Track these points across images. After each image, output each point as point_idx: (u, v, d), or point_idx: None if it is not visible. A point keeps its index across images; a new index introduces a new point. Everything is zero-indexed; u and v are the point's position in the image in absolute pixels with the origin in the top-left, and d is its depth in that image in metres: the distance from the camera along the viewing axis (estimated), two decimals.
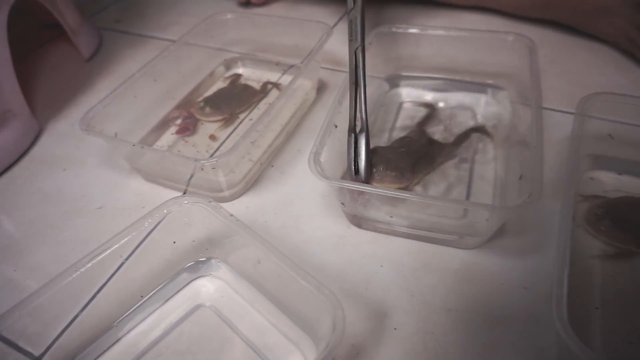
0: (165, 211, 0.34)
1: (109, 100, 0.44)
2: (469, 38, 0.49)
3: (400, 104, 0.51)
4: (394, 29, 0.50)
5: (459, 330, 0.33)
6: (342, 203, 0.38)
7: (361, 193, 0.37)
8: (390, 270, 0.37)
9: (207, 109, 0.51)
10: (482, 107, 0.50)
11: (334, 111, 0.41)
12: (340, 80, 0.46)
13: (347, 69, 0.45)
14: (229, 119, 0.51)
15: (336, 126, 0.40)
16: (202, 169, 0.39)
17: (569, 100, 0.50)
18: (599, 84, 0.53)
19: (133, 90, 0.47)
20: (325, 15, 0.69)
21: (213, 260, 0.37)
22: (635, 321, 0.32)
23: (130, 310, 0.34)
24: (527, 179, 0.34)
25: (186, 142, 0.49)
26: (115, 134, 0.45)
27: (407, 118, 0.49)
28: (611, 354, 0.30)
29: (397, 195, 0.34)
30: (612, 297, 0.33)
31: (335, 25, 0.67)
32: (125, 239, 0.32)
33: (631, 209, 0.37)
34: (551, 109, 0.50)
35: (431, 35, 0.50)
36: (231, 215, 0.33)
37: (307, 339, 0.31)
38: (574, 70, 0.55)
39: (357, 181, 0.39)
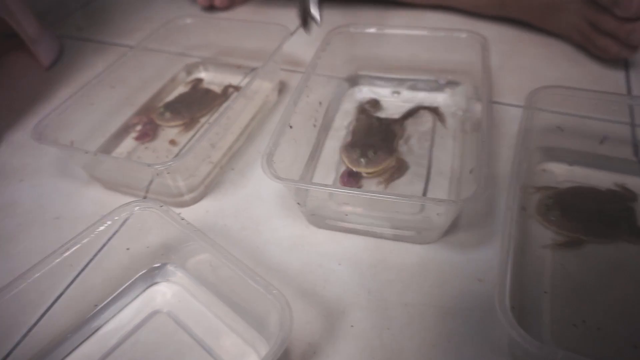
0: (116, 218, 0.33)
1: (63, 109, 0.44)
2: (425, 37, 0.50)
3: (360, 103, 0.52)
4: (351, 29, 0.51)
5: (415, 324, 0.34)
6: (298, 203, 0.38)
7: (350, 181, 0.42)
8: (348, 268, 0.38)
9: (167, 114, 0.51)
10: (440, 104, 0.50)
11: (289, 112, 0.41)
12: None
13: (304, 69, 0.46)
14: (189, 124, 0.51)
15: (291, 127, 0.40)
16: (158, 174, 0.39)
17: (524, 95, 0.51)
18: (553, 78, 0.54)
19: (89, 97, 0.47)
20: (289, 18, 0.69)
21: (169, 266, 0.36)
22: (580, 306, 0.33)
23: (84, 320, 0.34)
24: (477, 172, 0.35)
25: (146, 148, 0.49)
26: (71, 143, 0.44)
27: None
28: (556, 336, 0.31)
29: (348, 192, 0.34)
30: (561, 283, 0.34)
31: (298, 27, 0.68)
32: (74, 248, 0.32)
33: (579, 198, 0.38)
34: (507, 104, 0.51)
35: (388, 34, 0.51)
36: (182, 219, 0.33)
37: (262, 339, 0.31)
38: (529, 65, 0.56)
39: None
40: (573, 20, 0.55)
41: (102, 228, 0.33)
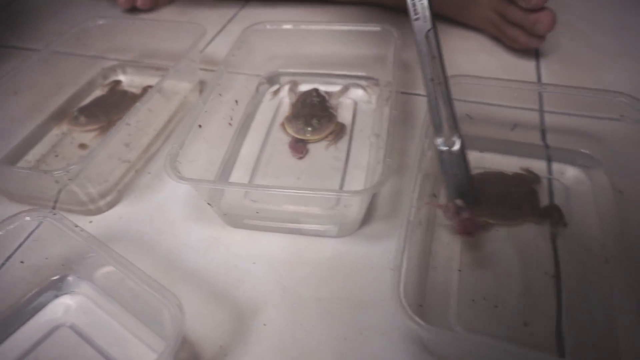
0: (4, 230, 0.31)
1: None
2: (342, 31, 0.50)
3: (280, 101, 0.51)
4: (268, 26, 0.50)
5: (328, 318, 0.34)
6: (208, 204, 0.37)
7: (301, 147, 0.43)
8: (263, 266, 0.37)
9: (82, 118, 0.49)
10: (359, 97, 0.51)
11: (198, 111, 0.40)
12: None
13: (217, 68, 0.45)
14: (106, 127, 0.49)
15: (200, 126, 0.39)
16: (57, 182, 0.37)
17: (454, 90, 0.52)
18: (470, 69, 0.55)
19: None
20: (215, 19, 0.68)
21: (70, 277, 0.34)
22: (484, 285, 0.34)
23: None
24: (383, 163, 0.35)
25: (56, 155, 0.46)
26: None
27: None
28: (459, 316, 0.32)
29: (252, 189, 0.34)
30: (469, 266, 0.35)
31: (224, 27, 0.67)
32: None
33: (486, 183, 0.39)
34: (424, 95, 0.52)
35: (306, 30, 0.51)
36: (76, 226, 0.31)
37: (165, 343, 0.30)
38: (447, 57, 0.57)
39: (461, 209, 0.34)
40: (486, 13, 0.56)
41: None
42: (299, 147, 0.44)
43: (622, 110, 0.38)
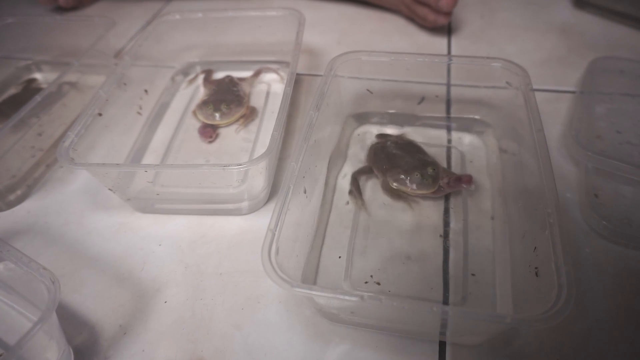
0: None
1: None
2: (251, 18, 0.51)
3: (196, 89, 0.52)
4: (177, 17, 0.51)
5: (227, 291, 0.35)
6: (110, 189, 0.38)
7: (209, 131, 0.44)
8: (168, 247, 0.38)
9: None
10: (272, 81, 0.52)
11: (97, 100, 0.40)
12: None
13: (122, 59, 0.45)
14: (17, 125, 0.49)
15: (100, 114, 0.40)
16: None
17: (357, 68, 0.53)
18: (385, 49, 0.57)
19: None
20: (140, 14, 0.68)
21: None
22: (374, 251, 0.35)
23: None
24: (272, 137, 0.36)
25: None
26: None
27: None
28: (352, 275, 0.34)
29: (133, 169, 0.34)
30: (363, 232, 0.36)
31: (149, 22, 0.67)
32: None
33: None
34: (340, 76, 0.53)
35: (216, 18, 0.51)
36: None
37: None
38: (365, 39, 0.59)
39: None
40: None
41: None
42: (207, 132, 0.45)
43: (507, 78, 0.40)
